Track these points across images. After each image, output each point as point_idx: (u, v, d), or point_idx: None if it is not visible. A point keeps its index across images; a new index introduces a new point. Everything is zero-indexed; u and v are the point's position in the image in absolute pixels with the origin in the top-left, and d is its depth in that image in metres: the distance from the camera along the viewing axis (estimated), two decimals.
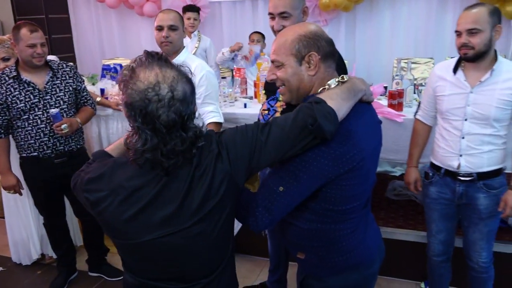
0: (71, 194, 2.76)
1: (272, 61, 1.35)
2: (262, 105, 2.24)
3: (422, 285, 2.74)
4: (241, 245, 3.09)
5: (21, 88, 2.47)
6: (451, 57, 3.86)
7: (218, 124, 2.44)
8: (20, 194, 2.69)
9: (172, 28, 2.36)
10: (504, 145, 2.01)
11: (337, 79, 1.29)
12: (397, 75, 2.89)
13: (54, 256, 3.07)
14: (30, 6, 5.82)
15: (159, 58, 1.11)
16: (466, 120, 1.97)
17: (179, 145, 1.08)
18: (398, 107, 2.72)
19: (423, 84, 2.92)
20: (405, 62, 3.08)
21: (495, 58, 1.94)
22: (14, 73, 2.47)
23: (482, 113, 1.93)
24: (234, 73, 3.54)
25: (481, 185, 2.02)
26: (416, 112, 2.28)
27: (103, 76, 3.68)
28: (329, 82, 1.29)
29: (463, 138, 1.99)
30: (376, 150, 1.39)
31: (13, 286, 2.95)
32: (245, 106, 3.05)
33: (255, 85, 3.35)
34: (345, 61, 4.42)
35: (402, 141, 2.64)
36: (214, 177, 1.13)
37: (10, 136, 2.59)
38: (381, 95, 3.05)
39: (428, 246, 2.32)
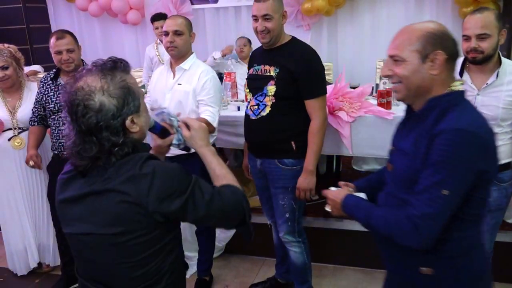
0: None
1: (391, 56, 1.31)
2: (249, 101, 2.34)
3: None
4: (237, 245, 3.15)
5: (55, 90, 2.63)
6: None
7: (210, 125, 2.43)
8: (39, 167, 2.78)
9: (177, 33, 2.43)
10: (511, 139, 2.08)
11: (460, 83, 1.27)
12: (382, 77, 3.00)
13: (52, 265, 3.06)
14: (11, 16, 5.74)
15: (102, 68, 1.16)
16: None
17: (86, 150, 1.14)
18: (387, 105, 2.84)
19: None
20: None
21: (499, 60, 2.00)
22: (53, 75, 2.67)
23: (490, 114, 1.97)
24: (224, 77, 3.60)
25: None
26: None
27: None
28: (453, 85, 1.25)
29: None
30: None
31: None
32: (238, 109, 3.12)
33: None
34: (330, 64, 4.58)
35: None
36: (114, 198, 1.14)
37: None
38: (368, 95, 3.16)
39: None
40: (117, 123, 1.14)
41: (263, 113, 2.28)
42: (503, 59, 2.02)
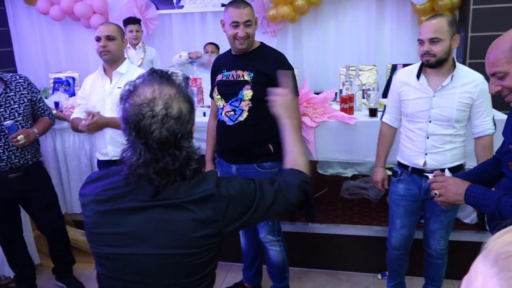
0: (30, 210, 2.70)
1: (493, 74, 1.41)
2: (223, 108, 2.35)
3: (379, 276, 2.93)
4: None
5: None
6: (392, 64, 4.15)
7: None
8: None
9: (109, 38, 2.47)
10: (463, 143, 2.19)
11: None
12: (346, 81, 3.08)
13: (11, 276, 2.96)
14: None
15: (161, 76, 1.10)
16: (430, 122, 2.13)
17: (170, 163, 1.07)
18: (350, 110, 2.91)
19: (370, 89, 3.14)
20: (353, 70, 3.30)
21: (454, 65, 2.11)
22: None
23: (445, 115, 2.09)
24: (190, 83, 3.59)
25: None
26: (382, 115, 2.41)
27: (55, 89, 3.61)
28: None
29: (427, 138, 2.15)
30: None
31: None
32: (204, 114, 3.12)
33: None
34: (295, 69, 4.65)
35: (355, 143, 2.83)
36: (191, 219, 1.09)
37: None
38: (332, 101, 3.23)
39: (389, 240, 2.43)
40: (189, 130, 1.10)
41: (241, 118, 2.29)
42: (457, 64, 2.12)
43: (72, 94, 3.74)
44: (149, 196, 1.09)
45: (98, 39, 2.50)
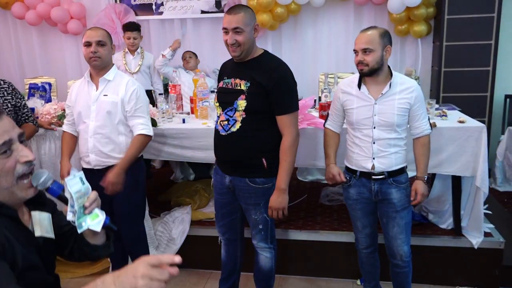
0: None
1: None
2: (219, 116, 2.32)
3: (358, 282, 2.95)
4: (184, 258, 3.10)
5: None
6: (353, 73, 4.22)
7: (147, 136, 2.49)
8: None
9: (100, 43, 2.40)
10: (405, 146, 2.33)
11: None
12: (325, 89, 3.11)
13: None
14: None
15: None
16: (374, 128, 2.25)
17: None
18: None
19: None
20: (332, 77, 3.34)
21: (390, 73, 2.25)
22: None
23: (387, 121, 2.22)
24: (169, 89, 3.57)
25: (391, 181, 2.30)
26: (325, 122, 2.50)
27: (31, 95, 3.54)
28: None
29: (374, 143, 2.27)
30: None
31: None
32: (183, 121, 3.11)
33: (192, 101, 3.42)
34: None
35: None
36: None
37: None
38: (311, 108, 3.26)
39: (357, 240, 2.53)
40: None
41: (233, 129, 2.22)
42: (394, 72, 2.27)
43: (49, 100, 3.67)
44: None
45: (88, 44, 2.40)
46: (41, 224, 1.25)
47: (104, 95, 2.45)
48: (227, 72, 2.32)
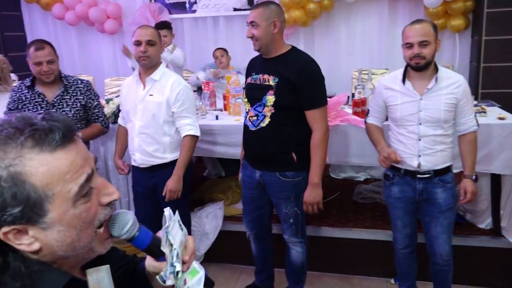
0: None
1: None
2: (248, 112, 2.35)
3: (392, 281, 2.91)
4: (217, 253, 3.15)
5: (32, 98, 2.60)
6: (388, 70, 4.12)
7: (194, 136, 2.52)
8: None
9: (150, 43, 2.41)
10: (451, 143, 2.25)
11: None
12: (359, 85, 3.08)
13: None
14: None
15: (13, 129, 0.68)
16: (420, 124, 2.19)
17: None
18: (362, 114, 2.90)
19: None
20: (366, 73, 3.30)
21: (435, 68, 2.19)
22: (29, 83, 2.61)
23: (433, 116, 2.16)
24: (203, 86, 3.62)
25: (437, 180, 2.24)
26: (366, 118, 2.46)
27: None
28: None
29: (419, 140, 2.21)
30: None
31: None
32: (216, 118, 3.14)
33: (225, 97, 3.46)
34: None
35: (367, 146, 2.81)
36: None
37: None
38: (344, 104, 3.23)
39: (395, 240, 2.48)
40: None
41: (263, 124, 2.26)
42: (439, 67, 2.20)
43: None
44: None
45: (138, 43, 2.42)
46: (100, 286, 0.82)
47: (150, 95, 2.47)
48: (255, 68, 2.35)
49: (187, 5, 5.27)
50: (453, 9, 4.39)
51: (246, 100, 2.37)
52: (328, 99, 2.93)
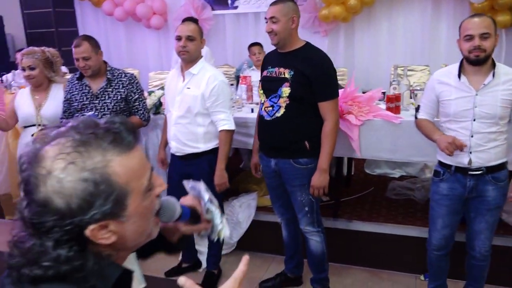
0: None
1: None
2: (263, 103, 2.46)
3: (422, 277, 2.90)
4: (249, 242, 3.26)
5: (79, 89, 2.81)
6: (446, 65, 4.07)
7: (229, 131, 2.63)
8: None
9: (189, 38, 2.52)
10: (505, 140, 2.18)
11: None
12: (394, 81, 3.08)
13: None
14: (41, 20, 6.05)
15: (76, 130, 0.73)
16: (474, 120, 2.14)
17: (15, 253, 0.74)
18: (396, 110, 2.91)
19: (418, 88, 3.12)
20: (402, 69, 3.29)
21: (493, 63, 2.12)
22: (78, 75, 2.84)
23: (489, 113, 2.10)
24: (240, 81, 3.73)
25: (489, 178, 2.17)
26: (417, 114, 2.42)
27: None
28: None
29: (472, 136, 2.15)
30: None
31: None
32: (251, 111, 3.24)
33: None
34: (345, 69, 4.66)
35: (400, 142, 2.82)
36: None
37: None
38: (379, 100, 3.23)
39: (430, 240, 2.42)
40: (68, 230, 0.72)
41: (278, 114, 2.38)
42: (497, 62, 2.13)
43: None
44: None
45: (178, 38, 2.53)
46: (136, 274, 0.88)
47: (188, 88, 2.60)
48: (271, 62, 2.46)
49: (229, 1, 5.40)
50: (500, 4, 4.27)
51: (261, 92, 2.48)
52: (361, 94, 2.99)
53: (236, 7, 5.40)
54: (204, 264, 3.10)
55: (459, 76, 2.16)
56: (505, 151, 2.19)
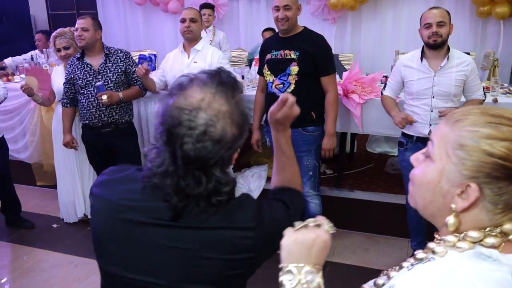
0: (117, 162, 3.27)
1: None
2: (273, 82, 2.79)
3: None
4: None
5: (81, 68, 3.09)
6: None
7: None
8: (76, 148, 3.33)
9: (192, 20, 3.07)
10: None
11: None
12: (393, 65, 3.39)
13: None
14: (62, 2, 6.37)
15: (223, 84, 0.92)
16: (433, 97, 2.55)
17: (191, 187, 0.90)
18: None
19: None
20: (402, 54, 3.60)
21: (448, 48, 2.52)
22: (78, 56, 3.11)
23: (445, 91, 2.52)
24: (254, 63, 4.04)
25: None
26: (383, 90, 2.80)
27: (139, 63, 4.19)
28: None
29: (431, 111, 2.56)
30: None
31: (69, 238, 3.48)
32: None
33: None
34: (351, 54, 4.96)
35: None
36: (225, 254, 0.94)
37: None
38: (381, 83, 3.55)
39: (407, 200, 2.78)
40: (227, 157, 0.93)
41: (289, 90, 2.74)
42: (451, 48, 2.53)
43: (153, 68, 4.31)
44: (169, 218, 0.93)
45: (183, 20, 3.07)
46: None
47: (194, 62, 3.11)
48: (273, 46, 2.83)
49: None
50: None
51: (268, 72, 2.84)
52: (365, 76, 3.31)
53: None
54: None
55: (421, 59, 2.56)
56: None
